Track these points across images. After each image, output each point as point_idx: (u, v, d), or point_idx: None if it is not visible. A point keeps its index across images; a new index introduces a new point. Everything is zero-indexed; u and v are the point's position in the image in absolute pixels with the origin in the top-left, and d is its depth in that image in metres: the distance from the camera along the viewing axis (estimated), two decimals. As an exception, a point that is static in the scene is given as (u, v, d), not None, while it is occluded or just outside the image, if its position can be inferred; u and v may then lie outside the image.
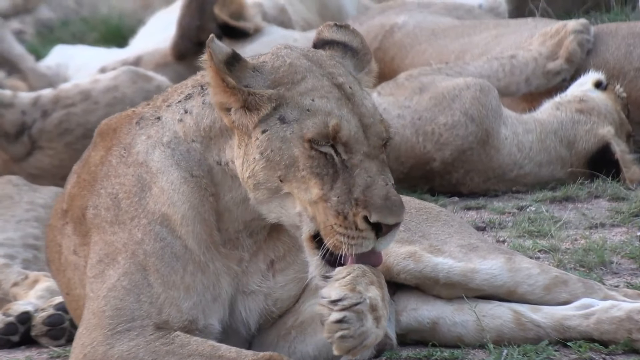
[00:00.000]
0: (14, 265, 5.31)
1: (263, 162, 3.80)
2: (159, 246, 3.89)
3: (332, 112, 3.81)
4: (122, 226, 3.94)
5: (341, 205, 3.76)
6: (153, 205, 3.93)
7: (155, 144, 3.99)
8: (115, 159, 4.04)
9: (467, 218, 6.07)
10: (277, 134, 3.80)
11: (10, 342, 5.00)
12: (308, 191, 3.79)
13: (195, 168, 3.94)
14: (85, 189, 4.09)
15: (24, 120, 6.57)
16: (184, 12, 7.85)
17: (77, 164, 4.27)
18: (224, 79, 3.79)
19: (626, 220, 5.92)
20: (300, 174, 3.79)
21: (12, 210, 5.61)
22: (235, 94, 3.80)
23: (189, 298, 3.88)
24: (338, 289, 3.71)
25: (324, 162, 3.79)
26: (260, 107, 3.81)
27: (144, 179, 3.97)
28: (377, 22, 7.51)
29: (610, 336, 4.36)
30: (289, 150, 3.79)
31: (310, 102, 3.83)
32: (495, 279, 4.50)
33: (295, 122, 3.80)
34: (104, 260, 3.93)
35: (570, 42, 6.82)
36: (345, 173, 3.79)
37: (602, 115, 6.56)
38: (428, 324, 4.47)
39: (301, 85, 3.86)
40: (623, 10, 9.00)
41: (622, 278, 5.16)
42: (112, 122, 4.20)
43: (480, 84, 6.50)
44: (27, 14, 10.78)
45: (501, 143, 6.49)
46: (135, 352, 3.76)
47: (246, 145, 3.83)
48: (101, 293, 3.87)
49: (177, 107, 4.02)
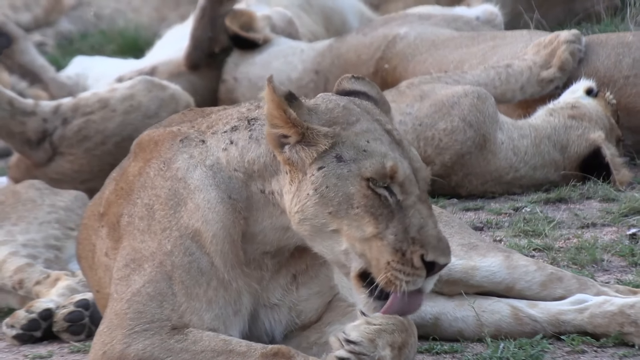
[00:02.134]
0: (37, 265, 5.31)
1: (316, 198, 3.78)
2: (187, 260, 3.87)
3: (387, 154, 3.80)
4: (153, 236, 3.91)
5: (399, 243, 3.74)
6: (187, 219, 3.90)
7: (197, 164, 3.96)
8: (153, 171, 4.01)
9: (465, 219, 6.06)
10: (333, 171, 3.78)
11: (33, 338, 5.00)
12: (360, 229, 3.76)
13: (234, 192, 3.91)
14: (122, 197, 4.07)
15: (45, 127, 6.57)
16: (197, 24, 7.84)
17: (116, 171, 4.25)
18: (285, 111, 3.76)
19: (616, 220, 5.91)
20: (353, 212, 3.77)
21: (35, 213, 5.61)
22: (296, 127, 3.78)
23: (211, 310, 3.86)
24: (360, 332, 3.70)
25: (378, 202, 3.77)
26: (317, 143, 3.79)
27: (181, 193, 3.93)
28: (380, 33, 7.51)
29: (603, 329, 4.36)
30: (344, 188, 3.77)
31: (366, 143, 3.81)
32: (495, 276, 4.50)
33: (352, 161, 3.79)
34: (130, 265, 3.91)
35: (563, 51, 6.81)
36: (400, 213, 3.78)
37: (593, 120, 6.55)
38: (430, 319, 4.48)
39: (356, 127, 3.84)
40: (613, 22, 8.98)
41: (613, 275, 5.16)
42: (153, 135, 4.17)
43: (477, 91, 6.50)
44: (48, 27, 10.78)
45: (498, 147, 6.49)
46: (150, 350, 3.75)
47: (299, 182, 3.80)
48: (125, 296, 3.85)
49: (222, 136, 3.98)
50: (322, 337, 3.98)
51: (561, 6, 9.09)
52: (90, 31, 10.76)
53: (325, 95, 3.98)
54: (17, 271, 5.32)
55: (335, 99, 3.94)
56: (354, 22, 8.51)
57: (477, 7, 8.38)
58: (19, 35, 8.15)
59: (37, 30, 10.60)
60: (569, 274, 4.55)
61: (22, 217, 5.59)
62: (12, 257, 5.37)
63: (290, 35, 8.01)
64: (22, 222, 5.56)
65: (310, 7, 8.44)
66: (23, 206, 5.66)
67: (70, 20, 10.87)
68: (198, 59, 7.89)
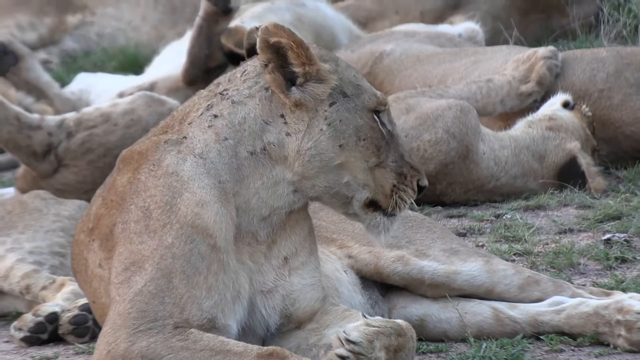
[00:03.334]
0: (43, 271, 5.31)
1: (330, 132, 3.88)
2: (188, 248, 3.84)
3: (370, 86, 4.00)
4: (152, 234, 3.88)
5: (400, 168, 3.95)
6: (185, 208, 3.87)
7: (186, 156, 3.94)
8: (144, 175, 3.98)
9: (449, 225, 6.07)
10: (344, 105, 3.91)
11: (40, 340, 5.01)
12: (364, 160, 3.92)
13: (223, 173, 3.91)
14: (113, 208, 4.02)
15: (50, 141, 6.56)
16: (194, 42, 7.85)
17: (101, 188, 4.20)
18: (307, 47, 3.87)
19: (592, 226, 5.92)
20: (361, 143, 3.90)
21: (41, 222, 5.60)
22: (314, 63, 3.88)
23: (211, 298, 3.83)
24: (360, 332, 3.75)
25: (380, 132, 3.93)
26: (327, 79, 3.91)
27: (174, 187, 3.91)
28: (367, 49, 7.52)
29: (579, 330, 4.38)
30: (354, 121, 3.90)
31: (355, 78, 3.98)
32: (475, 280, 4.51)
33: (354, 96, 3.93)
34: (130, 268, 3.87)
35: (541, 67, 6.84)
36: (393, 142, 3.97)
37: (570, 131, 6.57)
38: (416, 320, 4.48)
39: (341, 64, 3.99)
40: (587, 38, 9.01)
41: (589, 278, 5.18)
42: (135, 148, 4.14)
43: (460, 104, 6.51)
44: (52, 45, 10.77)
45: (480, 158, 6.49)
46: (153, 348, 3.73)
47: (310, 120, 3.89)
48: (127, 297, 3.82)
49: (201, 118, 3.99)
50: (321, 339, 3.97)
51: (539, 24, 9.11)
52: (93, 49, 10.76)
53: None
54: (24, 277, 5.32)
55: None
56: (343, 38, 8.51)
57: (459, 25, 8.41)
58: (25, 53, 8.16)
59: (43, 49, 10.59)
60: (545, 277, 4.57)
61: (29, 225, 5.59)
62: (19, 264, 5.36)
63: (283, 52, 8.00)
64: (28, 231, 5.56)
65: (302, 24, 8.44)
66: (29, 215, 5.65)
67: (73, 39, 10.87)
68: (195, 75, 7.90)
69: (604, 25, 8.96)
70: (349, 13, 8.92)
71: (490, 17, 8.80)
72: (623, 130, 6.80)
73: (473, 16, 8.63)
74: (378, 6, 9.17)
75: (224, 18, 7.69)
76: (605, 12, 9.11)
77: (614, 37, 8.85)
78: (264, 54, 3.88)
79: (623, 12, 9.03)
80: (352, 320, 3.91)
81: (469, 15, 8.69)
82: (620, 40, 8.79)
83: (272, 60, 3.89)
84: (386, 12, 9.10)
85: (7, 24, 10.60)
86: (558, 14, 9.16)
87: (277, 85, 3.89)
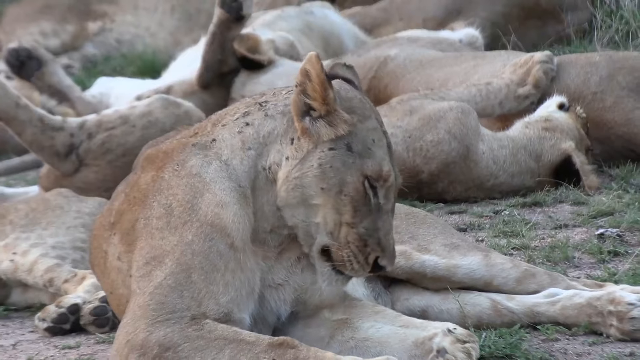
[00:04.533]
0: (65, 265, 5.32)
1: (317, 172, 3.79)
2: (207, 246, 3.82)
3: (385, 158, 3.84)
4: (173, 231, 3.86)
5: (365, 237, 3.80)
6: (205, 208, 3.85)
7: (212, 160, 3.92)
8: (168, 174, 3.96)
9: (450, 221, 6.07)
10: (341, 157, 3.79)
11: (62, 330, 5.02)
12: (339, 213, 3.80)
13: (242, 180, 3.89)
14: (135, 204, 4.02)
15: (72, 141, 6.57)
16: (208, 48, 7.86)
17: (123, 184, 4.21)
18: (326, 89, 3.79)
19: (586, 221, 5.92)
20: (341, 197, 3.79)
21: (63, 218, 5.61)
22: (329, 105, 3.80)
23: (227, 293, 3.82)
24: (468, 353, 3.80)
25: (364, 198, 3.80)
26: (338, 126, 3.80)
27: (197, 187, 3.89)
28: (372, 54, 7.53)
29: (573, 320, 4.37)
30: (344, 175, 3.79)
31: (372, 142, 3.83)
32: (474, 273, 4.51)
33: (358, 155, 3.80)
34: (150, 262, 3.85)
35: (537, 70, 6.84)
36: (376, 215, 3.82)
37: (565, 132, 6.57)
38: (419, 311, 4.48)
39: (368, 123, 3.86)
40: (582, 44, 9.01)
41: (583, 271, 5.17)
42: (161, 148, 4.13)
43: (461, 106, 6.51)
44: (74, 51, 10.79)
45: (479, 157, 6.49)
46: (170, 337, 3.72)
47: (307, 152, 3.81)
48: (147, 290, 3.80)
49: (235, 122, 3.96)
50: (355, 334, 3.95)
51: (535, 30, 9.11)
52: (112, 55, 10.78)
53: (340, 82, 3.96)
54: (48, 271, 5.33)
55: (351, 88, 3.94)
56: (350, 44, 8.52)
57: (460, 30, 8.40)
58: (48, 59, 8.18)
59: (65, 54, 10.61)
60: (541, 270, 4.56)
61: (52, 222, 5.60)
62: (42, 259, 5.38)
63: (292, 57, 8.02)
64: (51, 227, 5.57)
65: (311, 32, 8.45)
66: (52, 212, 5.66)
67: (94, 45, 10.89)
68: (209, 79, 7.91)
69: (597, 31, 8.97)
70: (355, 20, 8.93)
71: (489, 24, 8.80)
72: (615, 131, 6.80)
73: (473, 23, 8.63)
74: (383, 13, 9.18)
75: (236, 25, 7.70)
76: (598, 18, 9.11)
77: (606, 43, 8.86)
78: (299, 76, 3.83)
79: (615, 18, 9.03)
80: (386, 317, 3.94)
81: (469, 22, 8.68)
82: (613, 46, 8.80)
83: (302, 84, 3.83)
84: (391, 19, 9.10)
85: (31, 31, 10.62)
86: (553, 20, 9.15)
87: (295, 108, 3.84)
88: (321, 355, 3.65)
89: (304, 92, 3.82)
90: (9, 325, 5.26)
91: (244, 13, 7.61)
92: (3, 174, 8.16)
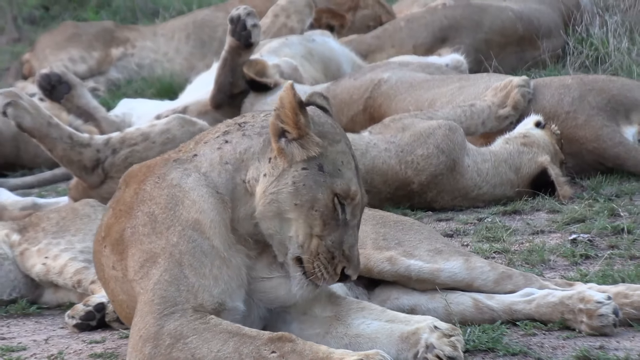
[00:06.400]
0: (91, 268, 5.32)
1: (290, 189, 3.81)
2: (191, 246, 3.84)
3: (353, 179, 3.87)
4: (159, 235, 3.88)
5: (332, 249, 3.83)
6: (186, 214, 3.88)
7: (191, 172, 3.95)
8: (149, 186, 3.99)
9: (438, 228, 6.07)
10: (313, 176, 3.82)
11: (89, 326, 5.04)
12: (310, 226, 3.83)
13: (220, 187, 3.91)
14: (121, 217, 4.04)
15: (98, 156, 6.58)
16: (220, 72, 7.87)
17: (111, 201, 4.23)
18: (297, 114, 3.81)
19: (560, 227, 5.93)
20: (312, 212, 3.82)
21: (90, 226, 5.62)
22: (300, 129, 3.82)
23: (218, 286, 3.84)
24: (453, 346, 3.80)
25: (333, 213, 3.83)
26: (310, 148, 3.82)
27: (177, 196, 3.92)
28: (368, 77, 7.53)
29: (547, 317, 4.38)
30: (315, 192, 3.81)
31: (341, 163, 3.86)
32: (456, 276, 4.51)
33: (329, 174, 3.82)
34: (145, 264, 3.88)
35: (516, 93, 6.84)
36: (343, 229, 3.85)
37: (541, 147, 6.57)
38: (408, 309, 4.47)
39: (338, 146, 3.89)
40: (556, 68, 9.02)
41: (558, 272, 5.17)
42: (144, 164, 4.17)
43: (449, 124, 6.51)
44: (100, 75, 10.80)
45: (465, 170, 6.49)
46: (180, 329, 3.74)
47: (282, 170, 3.83)
48: (149, 287, 3.83)
49: (215, 140, 3.99)
50: (348, 331, 3.96)
51: (514, 55, 9.12)
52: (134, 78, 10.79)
53: (314, 109, 3.99)
54: (76, 273, 5.35)
55: (323, 114, 3.98)
56: (347, 68, 8.53)
57: (446, 56, 8.41)
58: (76, 82, 8.19)
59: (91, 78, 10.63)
60: (517, 272, 4.56)
61: (80, 229, 5.61)
62: (72, 262, 5.39)
63: (296, 80, 8.02)
64: (79, 233, 5.58)
65: (312, 57, 8.46)
66: (80, 220, 5.67)
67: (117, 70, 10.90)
68: (221, 99, 7.92)
69: (569, 57, 8.99)
70: (352, 46, 8.94)
71: (472, 50, 8.81)
72: (586, 146, 6.80)
73: (458, 49, 8.64)
74: (377, 41, 9.19)
75: (245, 51, 7.72)
76: (570, 45, 9.13)
77: (578, 67, 8.88)
78: (277, 102, 3.86)
79: (586, 45, 9.06)
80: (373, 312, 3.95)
81: (455, 48, 8.70)
82: (584, 70, 8.82)
83: (277, 110, 3.86)
84: (384, 45, 9.12)
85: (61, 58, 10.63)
86: (530, 47, 9.17)
87: (273, 130, 3.86)
88: (316, 348, 3.67)
89: (278, 116, 3.85)
90: (42, 322, 5.28)
91: (253, 41, 7.63)
92: (36, 185, 8.19)
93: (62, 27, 11.16)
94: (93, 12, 12.76)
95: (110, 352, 4.62)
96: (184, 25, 11.04)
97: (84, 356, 4.61)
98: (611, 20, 9.18)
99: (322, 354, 3.64)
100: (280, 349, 3.67)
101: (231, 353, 3.68)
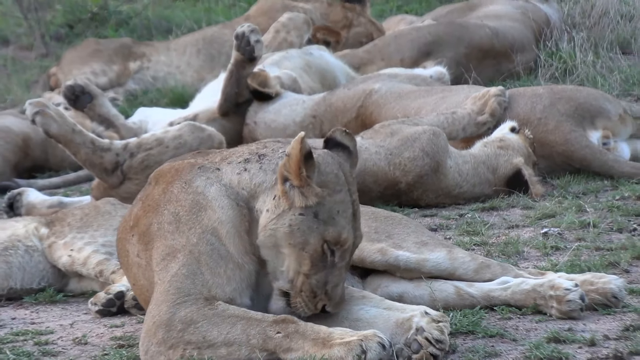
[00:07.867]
0: (112, 260, 5.33)
1: (286, 229, 3.80)
2: (209, 248, 3.87)
3: (345, 227, 3.83)
4: (181, 234, 3.90)
5: (316, 288, 3.83)
6: (207, 221, 3.90)
7: (214, 182, 3.95)
8: (176, 189, 4.00)
9: (424, 223, 6.06)
10: (308, 222, 3.79)
11: (110, 312, 5.04)
12: (299, 264, 3.82)
13: (241, 202, 3.92)
14: (149, 211, 4.05)
15: (117, 160, 6.59)
16: (227, 83, 7.86)
17: (140, 194, 4.23)
18: (300, 168, 3.77)
19: (533, 222, 5.94)
20: (302, 253, 3.81)
21: (110, 222, 5.62)
22: (302, 180, 3.79)
23: (230, 285, 3.86)
24: (441, 331, 3.79)
25: (321, 256, 3.82)
26: (309, 197, 3.79)
27: (201, 202, 3.93)
28: (360, 88, 7.53)
29: (522, 303, 4.39)
30: (307, 236, 3.80)
31: (337, 213, 3.82)
32: (440, 266, 4.51)
33: (323, 222, 3.80)
34: (166, 258, 3.89)
35: (493, 102, 6.85)
36: (329, 270, 3.84)
37: (516, 150, 6.57)
38: (396, 296, 4.47)
39: (337, 196, 3.84)
40: (528, 79, 9.02)
41: (531, 262, 5.19)
42: (173, 165, 4.16)
43: (433, 130, 6.51)
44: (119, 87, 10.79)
45: (447, 171, 6.50)
46: (190, 316, 3.76)
47: (283, 210, 3.82)
48: (166, 279, 3.85)
49: (237, 165, 3.97)
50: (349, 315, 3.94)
51: (491, 68, 9.11)
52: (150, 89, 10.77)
53: (327, 155, 3.94)
54: (98, 264, 5.35)
55: (332, 163, 3.90)
56: (342, 79, 8.52)
57: (430, 68, 8.40)
58: (98, 93, 8.19)
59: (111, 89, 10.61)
60: (494, 262, 4.57)
61: (101, 225, 5.62)
62: (94, 254, 5.39)
63: (295, 90, 8.03)
64: (101, 229, 5.59)
65: (310, 69, 8.45)
66: (102, 217, 5.67)
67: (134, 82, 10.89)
68: (227, 108, 7.91)
69: (540, 69, 9.01)
70: (346, 60, 8.93)
71: (454, 63, 8.80)
72: (556, 149, 6.81)
73: (441, 62, 8.64)
74: (368, 55, 9.19)
75: (249, 64, 7.72)
76: (542, 58, 9.14)
77: (548, 78, 8.89)
78: (287, 151, 3.83)
79: (555, 58, 9.07)
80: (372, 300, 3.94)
81: (438, 62, 8.70)
82: (554, 80, 8.83)
83: (286, 160, 3.82)
84: (374, 59, 9.11)
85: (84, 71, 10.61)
86: (506, 60, 9.17)
87: (280, 174, 3.84)
88: (317, 328, 3.69)
89: (285, 165, 3.83)
90: (67, 308, 5.28)
91: (256, 55, 7.63)
92: (62, 186, 8.18)
93: (85, 43, 11.15)
94: (113, 30, 12.74)
95: (129, 335, 4.62)
96: (195, 41, 11.03)
97: (105, 339, 4.62)
98: (578, 36, 9.20)
99: (323, 334, 3.66)
100: (284, 330, 3.68)
101: (240, 334, 3.69)
